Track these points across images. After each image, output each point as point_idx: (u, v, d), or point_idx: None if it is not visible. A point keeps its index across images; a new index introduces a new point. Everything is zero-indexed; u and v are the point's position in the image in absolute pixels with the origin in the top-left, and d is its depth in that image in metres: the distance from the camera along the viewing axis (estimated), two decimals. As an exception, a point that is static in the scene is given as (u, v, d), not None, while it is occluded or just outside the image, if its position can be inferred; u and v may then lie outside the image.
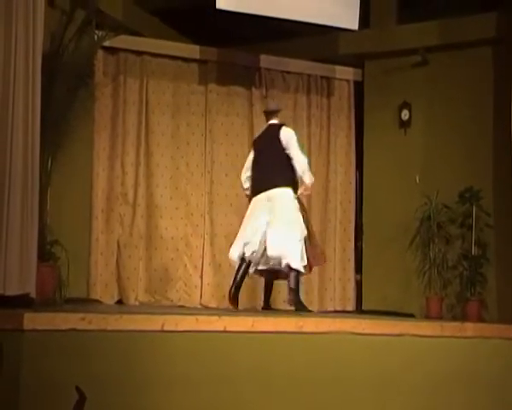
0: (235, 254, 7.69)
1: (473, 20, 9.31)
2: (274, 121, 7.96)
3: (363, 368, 6.67)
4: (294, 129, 9.44)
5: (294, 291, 7.53)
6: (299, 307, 7.58)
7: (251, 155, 7.98)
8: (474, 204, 9.00)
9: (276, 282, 8.21)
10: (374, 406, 6.60)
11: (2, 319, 5.41)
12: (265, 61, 9.75)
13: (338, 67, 10.12)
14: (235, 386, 6.15)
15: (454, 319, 8.82)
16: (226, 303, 9.06)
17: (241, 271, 7.66)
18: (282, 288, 8.48)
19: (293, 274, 7.49)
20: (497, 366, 7.17)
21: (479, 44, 9.32)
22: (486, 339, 7.24)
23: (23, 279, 6.28)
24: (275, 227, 7.48)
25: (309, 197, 9.60)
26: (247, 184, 7.96)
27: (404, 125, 9.83)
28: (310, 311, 7.90)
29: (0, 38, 6.33)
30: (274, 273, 7.89)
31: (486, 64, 9.34)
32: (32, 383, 5.32)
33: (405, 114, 9.82)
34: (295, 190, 7.73)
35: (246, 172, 7.96)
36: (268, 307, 8.10)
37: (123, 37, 8.68)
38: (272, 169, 7.66)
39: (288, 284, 7.58)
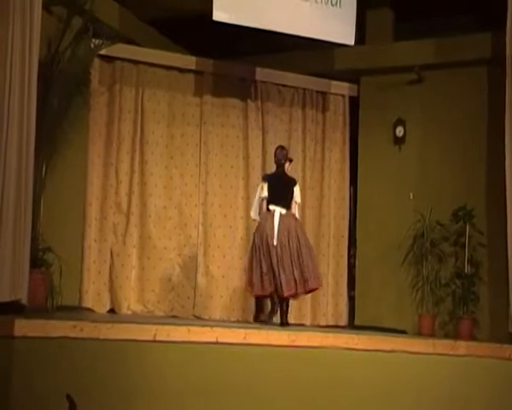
0: None
1: (468, 39, 9.33)
2: None
3: (355, 383, 6.68)
4: (289, 143, 9.55)
5: None
6: None
7: None
8: (467, 223, 9.00)
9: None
10: (365, 421, 6.59)
11: (-8, 325, 5.38)
12: (261, 73, 9.72)
13: (333, 82, 10.09)
14: (225, 398, 6.15)
15: (446, 336, 8.80)
16: (218, 314, 9.08)
17: None
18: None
19: None
20: (489, 386, 7.18)
21: (474, 64, 9.33)
22: (479, 358, 7.25)
23: (15, 286, 6.25)
24: None
25: (303, 211, 9.63)
26: None
27: (399, 141, 9.82)
28: None
29: (-4, 43, 6.33)
30: None
31: (481, 83, 9.35)
32: (23, 391, 5.29)
33: (400, 131, 9.81)
34: None
35: None
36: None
37: (119, 45, 8.65)
38: None
39: None
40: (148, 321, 7.02)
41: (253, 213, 8.34)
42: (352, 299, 9.84)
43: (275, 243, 7.75)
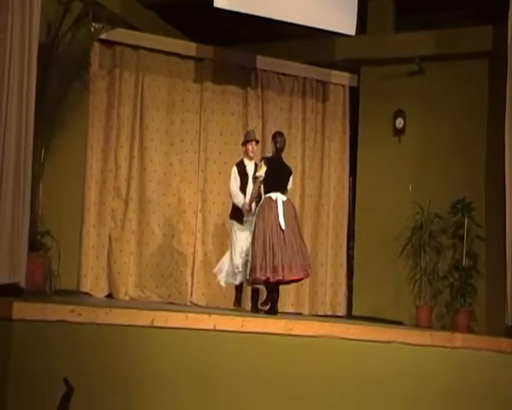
0: None
1: (469, 31, 9.33)
2: None
3: (351, 373, 6.67)
4: (288, 132, 9.51)
5: None
6: None
7: None
8: (465, 215, 9.01)
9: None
10: (359, 411, 6.60)
11: (-9, 308, 5.36)
12: (262, 62, 9.71)
13: (334, 72, 10.09)
14: (222, 385, 6.13)
15: (443, 328, 8.81)
16: (216, 302, 9.06)
17: None
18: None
19: None
20: (485, 378, 7.17)
21: (475, 56, 9.34)
22: (475, 350, 7.24)
23: (13, 268, 6.23)
24: None
25: (302, 200, 9.61)
26: None
27: (399, 133, 9.82)
28: None
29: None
30: None
31: (481, 76, 9.35)
32: (20, 374, 5.27)
33: (400, 122, 9.80)
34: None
35: None
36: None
37: (120, 30, 8.61)
38: None
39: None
40: (146, 307, 7.00)
41: (239, 199, 8.10)
42: (350, 289, 9.84)
43: (284, 227, 7.60)
